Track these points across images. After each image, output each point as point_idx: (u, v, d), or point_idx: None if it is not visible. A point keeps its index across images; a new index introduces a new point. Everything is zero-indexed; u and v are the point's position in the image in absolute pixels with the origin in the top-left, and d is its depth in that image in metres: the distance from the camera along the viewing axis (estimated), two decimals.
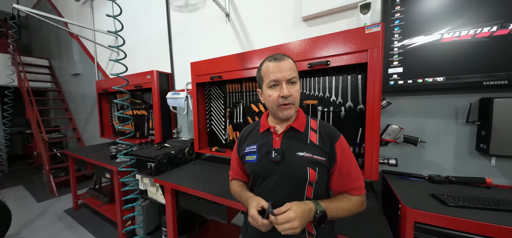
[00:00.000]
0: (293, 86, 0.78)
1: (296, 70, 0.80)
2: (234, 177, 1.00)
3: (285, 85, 0.76)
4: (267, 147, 0.82)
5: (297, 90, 0.79)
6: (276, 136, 0.83)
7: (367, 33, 1.19)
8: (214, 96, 2.12)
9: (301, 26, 1.75)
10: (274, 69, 0.77)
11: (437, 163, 1.38)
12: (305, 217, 0.69)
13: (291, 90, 0.77)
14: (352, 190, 0.79)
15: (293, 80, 0.78)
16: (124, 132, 2.96)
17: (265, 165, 0.81)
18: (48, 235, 2.42)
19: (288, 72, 0.76)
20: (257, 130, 0.91)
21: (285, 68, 0.76)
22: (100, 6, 3.48)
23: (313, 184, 0.77)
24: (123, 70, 1.88)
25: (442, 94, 1.32)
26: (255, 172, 0.84)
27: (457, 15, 1.20)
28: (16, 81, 4.40)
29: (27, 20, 5.92)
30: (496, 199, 0.99)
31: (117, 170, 2.01)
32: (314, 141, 0.80)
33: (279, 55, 0.79)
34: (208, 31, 2.29)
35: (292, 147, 0.79)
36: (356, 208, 0.78)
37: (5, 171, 4.69)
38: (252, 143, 0.87)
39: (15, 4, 2.48)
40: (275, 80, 0.77)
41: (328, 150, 0.78)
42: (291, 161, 0.78)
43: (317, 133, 0.82)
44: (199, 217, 2.10)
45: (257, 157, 0.83)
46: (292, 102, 0.78)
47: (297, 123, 0.83)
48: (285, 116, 0.79)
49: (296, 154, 0.78)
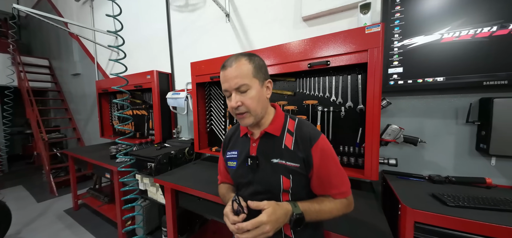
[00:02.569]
0: (244, 95, 0.70)
1: (247, 75, 0.70)
2: (222, 181, 0.99)
3: (234, 94, 0.70)
4: (244, 153, 0.80)
5: (251, 97, 0.70)
6: (253, 142, 0.80)
7: (367, 33, 1.19)
8: (214, 96, 2.11)
9: (301, 26, 1.75)
10: (222, 78, 0.72)
11: (437, 163, 1.38)
12: (280, 221, 0.65)
13: (241, 99, 0.70)
14: (335, 195, 0.74)
15: (243, 89, 0.70)
16: (124, 132, 2.97)
17: (244, 173, 0.79)
18: (48, 235, 2.42)
19: (233, 81, 0.69)
20: (238, 134, 0.88)
21: (230, 76, 0.69)
22: (100, 6, 3.48)
23: (289, 191, 0.73)
24: (123, 70, 1.88)
25: (442, 94, 1.32)
26: (236, 179, 0.83)
27: (457, 15, 1.20)
28: (16, 81, 4.40)
29: (27, 20, 5.92)
30: (496, 199, 0.99)
31: (117, 170, 2.01)
32: (288, 146, 0.74)
33: (228, 61, 0.72)
34: (208, 31, 2.29)
35: (267, 154, 0.76)
36: (341, 210, 0.74)
37: (5, 171, 4.70)
38: (233, 149, 0.86)
39: (15, 4, 2.48)
40: (225, 89, 0.73)
41: (303, 155, 0.72)
42: (265, 168, 0.75)
43: (293, 137, 0.75)
44: (199, 217, 2.10)
45: (236, 164, 0.82)
46: (245, 110, 0.71)
47: (271, 128, 0.77)
48: (244, 124, 0.75)
49: (271, 161, 0.74)
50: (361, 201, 1.22)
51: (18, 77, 4.42)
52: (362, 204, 1.18)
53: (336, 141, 1.50)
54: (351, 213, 1.12)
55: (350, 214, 1.04)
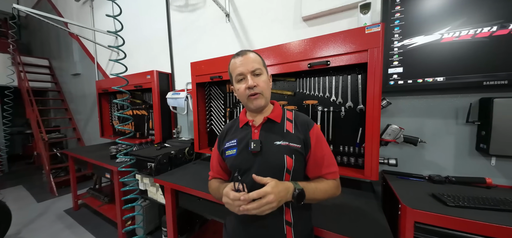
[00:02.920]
0: (258, 77, 0.82)
1: (260, 62, 0.84)
2: (213, 176, 1.01)
3: (250, 76, 0.80)
4: (246, 140, 0.85)
5: (263, 80, 0.82)
6: (255, 128, 0.86)
7: (367, 33, 1.19)
8: (214, 96, 2.11)
9: (301, 26, 1.75)
10: (239, 63, 0.82)
11: (437, 163, 1.38)
12: (282, 194, 0.70)
13: (256, 80, 0.81)
14: (326, 174, 0.83)
15: (257, 72, 0.82)
16: (124, 132, 2.96)
17: (245, 158, 0.83)
18: (48, 235, 2.42)
19: (251, 64, 0.81)
20: (237, 126, 0.93)
21: (247, 61, 0.81)
22: (100, 6, 3.48)
23: (291, 172, 0.80)
24: (123, 70, 1.88)
25: (442, 94, 1.32)
26: (236, 165, 0.84)
27: (457, 15, 1.20)
28: (16, 81, 4.40)
29: (27, 20, 5.93)
30: (496, 199, 0.99)
31: (117, 170, 2.01)
32: (290, 130, 0.84)
33: (242, 51, 0.85)
34: (208, 31, 2.29)
35: (270, 137, 0.83)
36: (332, 190, 0.82)
37: (5, 171, 4.69)
38: (232, 138, 0.89)
39: (15, 4, 2.48)
40: (240, 73, 0.82)
41: (302, 137, 0.82)
42: (269, 150, 0.81)
43: (293, 123, 0.86)
44: (199, 217, 2.10)
45: (237, 151, 0.85)
46: (259, 91, 0.81)
47: (273, 114, 0.87)
48: (256, 105, 0.83)
49: (274, 144, 0.81)
50: (361, 201, 1.22)
51: (18, 77, 4.42)
52: (362, 204, 1.18)
53: (336, 141, 1.50)
54: (351, 213, 1.12)
55: (350, 214, 1.04)
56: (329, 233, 0.96)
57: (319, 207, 0.95)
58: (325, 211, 1.11)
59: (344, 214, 1.10)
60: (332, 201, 1.19)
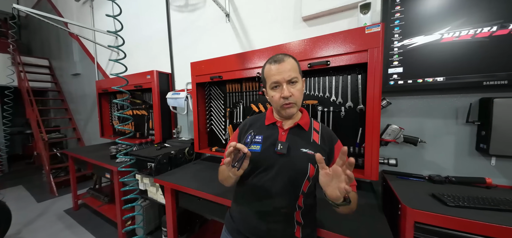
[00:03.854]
0: (294, 86, 0.81)
1: (297, 69, 0.82)
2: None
3: (285, 86, 0.80)
4: (272, 139, 0.86)
5: (298, 89, 0.82)
6: (283, 131, 0.87)
7: (367, 33, 1.19)
8: (214, 96, 2.12)
9: (301, 26, 1.75)
10: (275, 71, 0.81)
11: (437, 163, 1.38)
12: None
13: (291, 90, 0.80)
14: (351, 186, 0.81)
15: (294, 80, 0.81)
16: (124, 132, 2.96)
17: (268, 156, 0.84)
18: (48, 235, 2.42)
19: (287, 73, 0.79)
20: (262, 122, 0.94)
21: (284, 70, 0.80)
22: (100, 6, 3.48)
23: (311, 180, 0.82)
24: (123, 70, 1.88)
25: (442, 94, 1.32)
26: (258, 161, 0.85)
27: (457, 15, 1.20)
28: (16, 81, 4.39)
29: (27, 20, 5.92)
30: (496, 199, 0.99)
31: (117, 170, 2.01)
32: (316, 141, 0.86)
33: (279, 57, 0.82)
34: (208, 31, 2.29)
35: (297, 143, 0.84)
36: (356, 201, 0.82)
37: (5, 171, 4.69)
38: (257, 134, 0.90)
39: (15, 4, 2.48)
40: (275, 82, 0.81)
41: (327, 150, 0.85)
42: (295, 155, 0.82)
43: (319, 134, 0.88)
44: (199, 217, 2.10)
45: (261, 147, 0.86)
46: (294, 101, 0.81)
47: (302, 122, 0.88)
48: (288, 114, 0.84)
49: (300, 150, 0.82)
50: (361, 201, 1.20)
51: (18, 77, 4.41)
52: (362, 204, 1.18)
53: None
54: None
55: (350, 214, 1.04)
56: (329, 233, 0.97)
57: (319, 207, 0.95)
58: (325, 211, 1.11)
59: (344, 214, 1.09)
60: None
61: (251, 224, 0.86)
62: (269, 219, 0.83)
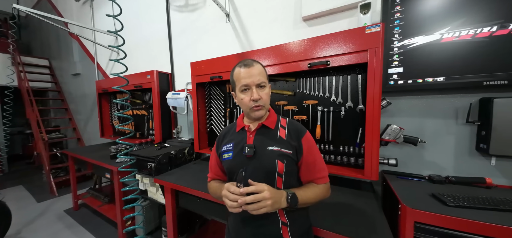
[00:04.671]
0: (262, 90, 0.85)
1: (265, 75, 0.87)
2: (212, 178, 1.04)
3: (255, 89, 0.83)
4: (241, 144, 0.89)
5: (266, 93, 0.86)
6: (250, 134, 0.90)
7: (367, 33, 1.19)
8: (214, 96, 2.12)
9: (301, 26, 1.75)
10: (244, 74, 0.84)
11: (437, 163, 1.38)
12: (277, 197, 0.74)
13: (260, 93, 0.84)
14: (317, 179, 0.87)
15: (262, 84, 0.85)
16: (124, 132, 2.96)
17: (240, 161, 0.86)
18: (48, 235, 2.42)
19: (256, 77, 0.83)
20: (234, 130, 0.97)
21: (253, 73, 0.83)
22: (100, 6, 3.48)
23: (282, 175, 0.84)
24: (123, 70, 1.88)
25: (442, 94, 1.32)
26: (231, 168, 0.89)
27: (457, 15, 1.20)
28: (16, 81, 4.40)
29: (27, 20, 5.92)
30: (496, 199, 0.99)
31: (117, 170, 2.01)
32: (282, 137, 0.88)
33: (249, 61, 0.86)
34: (208, 31, 2.29)
35: (263, 143, 0.86)
36: (322, 193, 0.87)
37: (5, 171, 4.69)
38: (229, 142, 0.93)
39: (15, 4, 2.48)
40: (245, 84, 0.84)
41: (295, 144, 0.86)
42: (262, 155, 0.84)
43: (286, 130, 0.90)
44: (199, 217, 2.10)
45: (232, 154, 0.89)
46: (262, 104, 0.85)
47: (268, 121, 0.90)
48: (257, 116, 0.87)
49: (267, 148, 0.85)
50: (361, 201, 1.22)
51: (18, 77, 4.42)
52: (362, 204, 1.18)
53: (336, 141, 1.50)
54: (351, 213, 1.12)
55: (350, 214, 1.04)
56: (329, 233, 0.96)
57: (319, 207, 0.95)
58: (325, 211, 1.11)
59: (344, 214, 1.10)
60: (332, 201, 1.19)
61: (240, 233, 0.89)
62: (254, 224, 0.85)
